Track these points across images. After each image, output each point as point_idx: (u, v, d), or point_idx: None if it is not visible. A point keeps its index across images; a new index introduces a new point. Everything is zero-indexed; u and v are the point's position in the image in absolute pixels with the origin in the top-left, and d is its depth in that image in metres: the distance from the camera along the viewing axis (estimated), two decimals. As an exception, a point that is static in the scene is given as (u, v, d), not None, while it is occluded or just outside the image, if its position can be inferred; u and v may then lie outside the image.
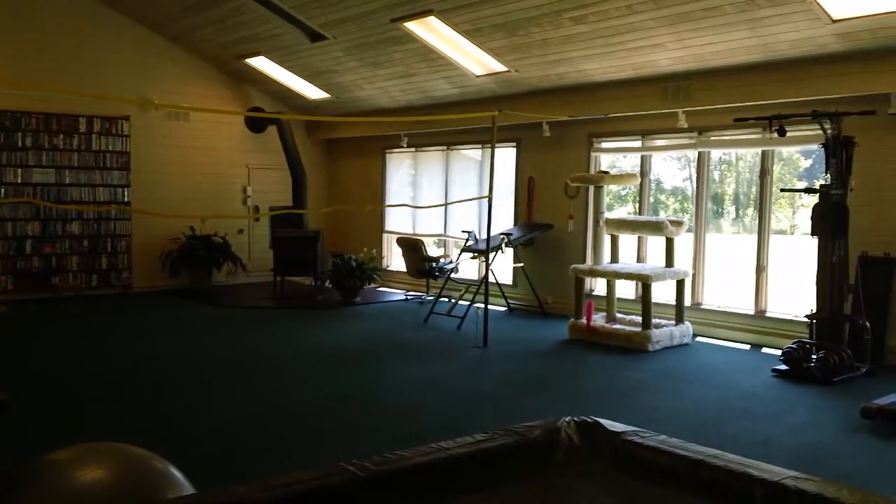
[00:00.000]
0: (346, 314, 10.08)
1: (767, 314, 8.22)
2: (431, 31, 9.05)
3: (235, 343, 8.16)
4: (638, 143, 9.51)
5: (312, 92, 12.14)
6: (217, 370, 6.90)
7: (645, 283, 8.01)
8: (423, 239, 11.23)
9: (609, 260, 8.86)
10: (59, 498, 2.35)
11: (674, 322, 8.20)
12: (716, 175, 12.26)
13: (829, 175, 6.80)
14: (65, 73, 10.68)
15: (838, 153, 6.70)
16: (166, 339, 8.24)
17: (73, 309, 10.06)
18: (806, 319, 6.98)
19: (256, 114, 11.94)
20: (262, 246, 12.50)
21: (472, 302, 9.15)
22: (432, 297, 10.18)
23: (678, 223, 8.34)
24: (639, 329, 7.95)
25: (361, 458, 2.58)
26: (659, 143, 9.41)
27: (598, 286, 9.62)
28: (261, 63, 11.64)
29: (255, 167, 12.84)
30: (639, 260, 9.33)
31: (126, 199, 11.42)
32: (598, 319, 8.56)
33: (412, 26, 8.97)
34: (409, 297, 11.31)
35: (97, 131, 11.20)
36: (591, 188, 9.42)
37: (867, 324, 6.71)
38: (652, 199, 9.91)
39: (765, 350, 7.83)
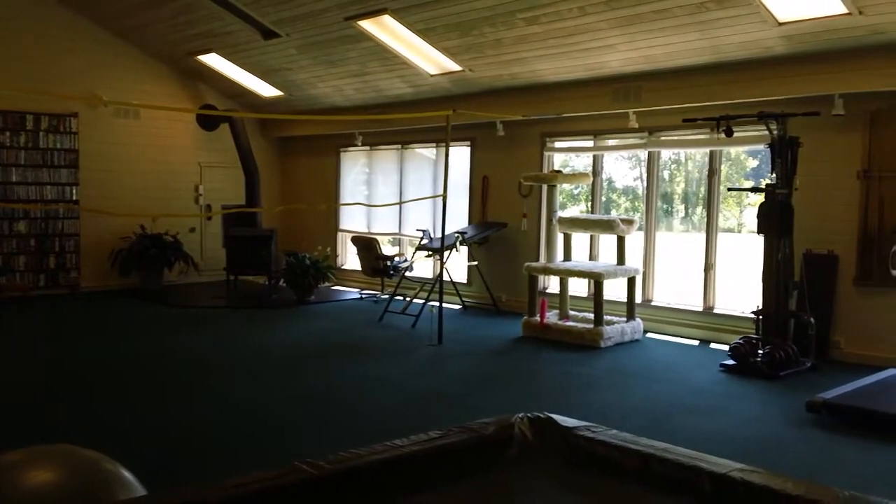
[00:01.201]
0: (300, 313, 10.02)
1: (715, 311, 8.39)
2: (385, 29, 9.04)
3: (187, 343, 8.06)
4: (590, 143, 9.62)
5: (265, 90, 12.04)
6: (168, 370, 6.81)
7: (597, 280, 8.11)
8: (377, 237, 11.22)
9: (562, 258, 8.95)
10: (8, 501, 2.31)
11: (625, 319, 8.33)
12: (666, 174, 12.45)
13: (774, 174, 6.97)
14: (11, 69, 10.42)
15: (784, 153, 6.88)
16: (116, 340, 8.10)
17: (20, 309, 9.83)
18: (752, 315, 7.14)
19: (208, 111, 11.79)
20: (214, 245, 12.36)
21: (427, 300, 9.18)
22: (387, 296, 10.18)
23: (629, 222, 8.47)
24: (591, 326, 8.06)
25: (315, 457, 2.58)
26: (610, 142, 9.54)
27: (552, 284, 9.71)
28: (213, 60, 11.50)
29: (208, 165, 12.69)
30: (591, 258, 9.46)
31: (74, 198, 11.19)
32: (552, 317, 8.65)
33: (366, 25, 8.95)
34: (363, 296, 11.29)
35: (45, 129, 10.95)
36: (545, 187, 9.51)
37: (812, 319, 6.89)
38: (604, 198, 10.03)
39: (713, 346, 7.99)
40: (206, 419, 5.35)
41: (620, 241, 8.43)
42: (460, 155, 10.85)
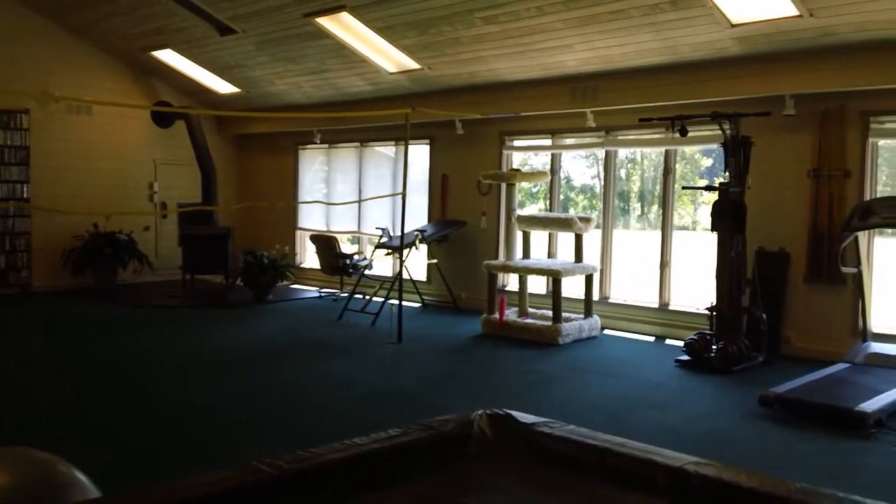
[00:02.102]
0: (258, 312, 9.94)
1: (671, 307, 8.53)
2: (344, 27, 9.00)
3: (141, 343, 7.94)
4: (548, 142, 9.70)
5: (222, 86, 11.91)
6: (122, 371, 6.71)
7: (555, 278, 8.19)
8: (336, 236, 11.17)
9: (521, 256, 9.01)
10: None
11: (583, 316, 8.41)
12: (622, 173, 12.61)
13: (728, 173, 7.10)
14: (-43, 63, 10.17)
15: (736, 153, 7.01)
16: (67, 340, 7.96)
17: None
18: (707, 312, 7.27)
19: (163, 108, 11.63)
20: (170, 243, 12.17)
21: (387, 298, 9.17)
22: (346, 295, 10.15)
23: (587, 220, 8.56)
24: (549, 323, 8.13)
25: (274, 456, 2.57)
26: (568, 141, 9.62)
27: (511, 282, 9.77)
28: (168, 56, 11.34)
29: (163, 163, 12.51)
30: (549, 256, 9.53)
31: (25, 196, 10.94)
32: (511, 314, 8.71)
33: (324, 22, 8.90)
34: (322, 295, 11.24)
35: (-7, 125, 10.71)
36: (504, 185, 9.56)
37: (764, 315, 7.04)
38: (562, 197, 10.13)
39: (668, 342, 8.12)
40: (161, 420, 5.29)
41: (578, 239, 8.51)
42: (419, 153, 10.86)
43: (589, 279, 8.49)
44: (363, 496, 2.80)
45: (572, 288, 8.75)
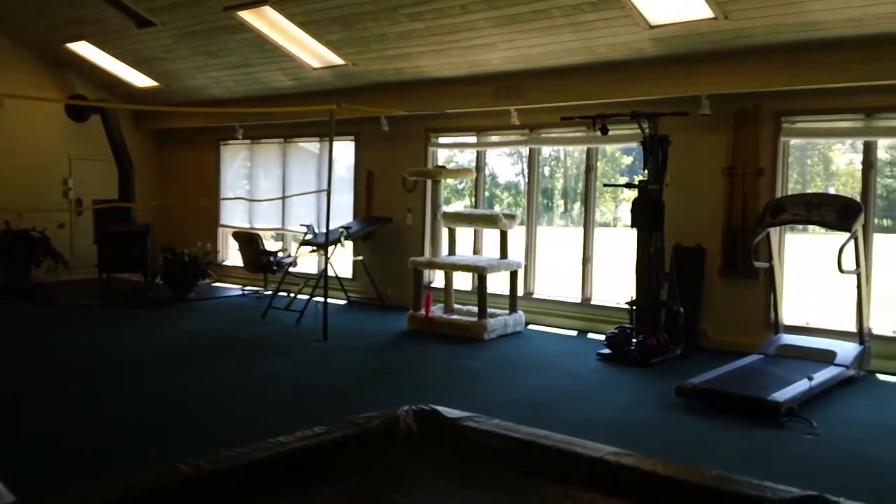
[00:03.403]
0: (178, 311, 9.73)
1: (593, 302, 8.70)
2: (267, 21, 8.88)
3: (55, 344, 7.68)
4: (473, 139, 9.77)
5: (140, 80, 11.60)
6: (34, 373, 6.48)
7: (481, 274, 8.27)
8: (260, 233, 11.01)
9: (447, 252, 9.06)
10: None
11: (508, 311, 8.51)
12: (546, 171, 12.79)
13: (647, 171, 7.29)
14: None
15: (655, 151, 7.20)
16: (-22, 343, 7.65)
17: None
18: (627, 306, 7.45)
19: (78, 101, 11.26)
20: (85, 241, 11.79)
21: (312, 296, 9.09)
22: (270, 292, 10.02)
23: (511, 216, 8.65)
24: (475, 319, 8.20)
25: (196, 458, 2.54)
26: (493, 139, 9.71)
27: (437, 278, 9.82)
28: (84, 49, 10.98)
29: (78, 158, 12.11)
30: (475, 252, 9.61)
31: (-72, 192, 10.45)
32: (437, 310, 8.75)
33: (246, 16, 8.77)
34: (246, 293, 11.08)
35: None
36: (429, 182, 9.59)
37: (681, 309, 7.26)
38: (487, 194, 10.22)
39: (590, 336, 8.29)
40: (80, 424, 5.13)
41: (503, 236, 8.61)
42: (344, 149, 10.80)
43: (514, 275, 8.59)
44: (290, 495, 2.78)
45: (497, 284, 8.84)
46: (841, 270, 6.18)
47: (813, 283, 9.99)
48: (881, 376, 6.63)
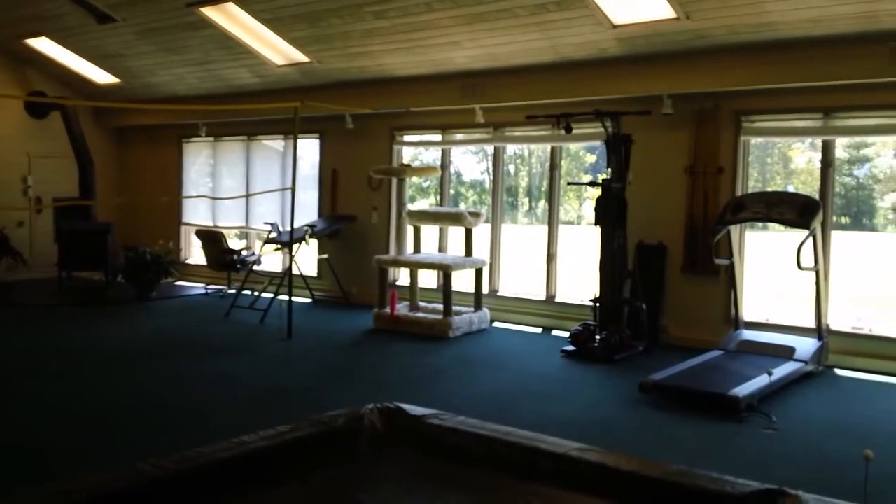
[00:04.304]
0: (140, 310, 9.61)
1: (557, 299, 8.76)
2: (230, 17, 8.80)
3: (13, 343, 7.55)
4: (438, 137, 9.78)
5: (101, 76, 11.42)
6: (-5, 375, 6.36)
7: (446, 272, 8.28)
8: (223, 231, 10.91)
9: (412, 250, 9.06)
10: None
11: (473, 309, 8.54)
12: (511, 169, 12.85)
13: (610, 170, 7.35)
14: None
15: (618, 150, 7.27)
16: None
17: None
18: (590, 303, 7.51)
19: (37, 98, 11.06)
20: (45, 240, 11.59)
21: (276, 294, 9.03)
22: (234, 291, 9.93)
23: (476, 214, 8.68)
24: (440, 317, 8.21)
25: (159, 457, 2.51)
26: (458, 137, 9.72)
27: (402, 276, 9.81)
28: (43, 45, 10.78)
29: (38, 156, 11.88)
30: (440, 250, 9.62)
31: None
32: (402, 308, 8.74)
33: (209, 12, 8.68)
34: (209, 291, 10.97)
35: None
36: (394, 180, 9.58)
37: (643, 306, 7.34)
38: (452, 192, 10.23)
39: (555, 333, 8.34)
40: (40, 424, 5.04)
41: (468, 234, 8.63)
42: (309, 147, 10.75)
43: (479, 273, 8.62)
44: (254, 494, 2.77)
45: (462, 282, 8.87)
46: (800, 267, 6.29)
47: (772, 280, 10.17)
48: (839, 371, 6.76)
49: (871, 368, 6.73)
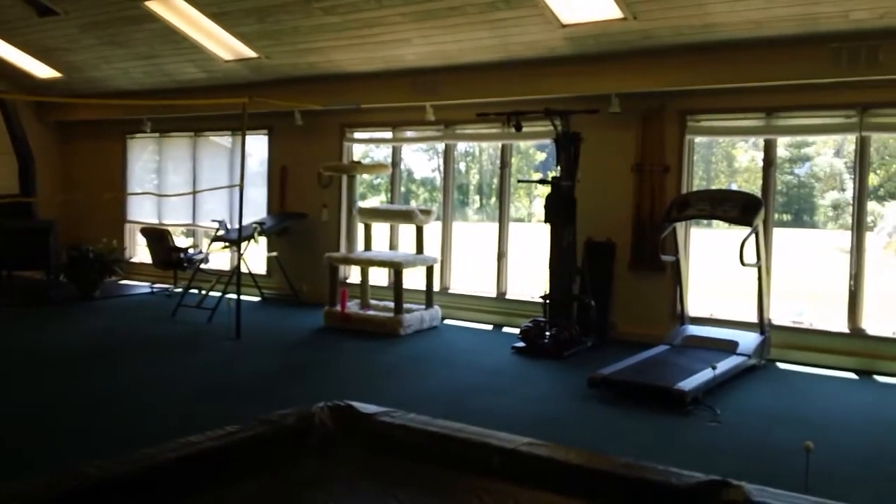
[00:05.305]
0: (84, 310, 9.40)
1: (508, 296, 8.82)
2: (176, 11, 8.66)
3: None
4: (389, 135, 9.76)
5: (42, 70, 11.14)
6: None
7: (397, 269, 8.27)
8: (169, 229, 10.74)
9: (363, 248, 9.03)
10: None
11: (424, 307, 8.54)
12: (461, 166, 12.89)
13: (559, 168, 7.42)
14: None
15: (567, 148, 7.34)
16: None
17: None
18: (541, 300, 7.58)
19: (-26, 92, 10.74)
20: (-17, 238, 11.26)
21: (224, 293, 8.92)
22: (181, 290, 9.78)
23: (427, 212, 8.69)
24: (391, 314, 8.20)
25: (103, 460, 2.47)
26: (409, 134, 9.72)
27: (353, 274, 9.77)
28: (-21, 37, 10.48)
29: (-26, 151, 11.54)
30: (391, 248, 9.61)
31: None
32: (353, 306, 8.71)
33: (153, 6, 8.53)
34: (155, 290, 10.79)
35: None
36: (345, 178, 9.53)
37: (592, 302, 7.44)
38: (403, 189, 10.22)
39: (506, 329, 8.39)
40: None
41: (419, 231, 8.63)
42: (257, 144, 10.63)
43: (430, 270, 8.63)
44: (202, 496, 2.74)
45: (414, 279, 8.87)
46: (743, 263, 6.43)
47: (717, 276, 10.39)
48: (781, 365, 6.94)
49: (811, 362, 6.92)
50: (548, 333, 7.26)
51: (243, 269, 8.79)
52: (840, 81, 6.67)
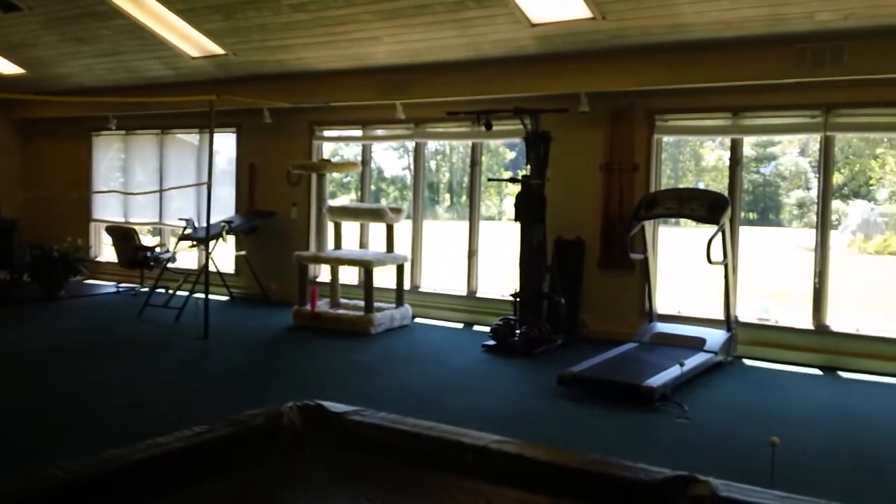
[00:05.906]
0: (49, 310, 9.26)
1: (478, 295, 8.83)
2: (141, 7, 8.55)
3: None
4: (359, 133, 9.73)
5: (4, 67, 10.93)
6: None
7: (367, 268, 8.24)
8: (136, 227, 10.60)
9: (333, 247, 8.99)
10: None
11: (394, 305, 8.53)
12: (432, 165, 12.89)
13: (529, 166, 7.45)
14: None
15: (537, 147, 7.37)
16: None
17: None
18: (511, 298, 7.60)
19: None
20: (-56, 237, 11.04)
21: (192, 292, 8.83)
22: (147, 289, 9.67)
23: (398, 210, 8.67)
24: (362, 313, 8.17)
25: (70, 461, 2.43)
26: (379, 132, 9.69)
27: (323, 273, 9.72)
28: (-61, 31, 10.26)
29: (-66, 148, 11.32)
30: (361, 246, 9.58)
31: None
32: (323, 305, 8.67)
33: (119, 1, 8.42)
34: (121, 290, 10.65)
35: None
36: (314, 176, 9.48)
37: (562, 300, 7.47)
38: (373, 188, 10.20)
39: (476, 328, 8.41)
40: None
41: (389, 230, 8.61)
42: (225, 142, 10.54)
43: (400, 269, 8.61)
44: (170, 497, 2.71)
45: (384, 278, 8.85)
46: (710, 261, 6.50)
47: (684, 274, 10.50)
48: (747, 361, 7.02)
49: (776, 358, 7.01)
50: (518, 332, 7.29)
51: (211, 269, 8.71)
52: (805, 81, 6.76)
